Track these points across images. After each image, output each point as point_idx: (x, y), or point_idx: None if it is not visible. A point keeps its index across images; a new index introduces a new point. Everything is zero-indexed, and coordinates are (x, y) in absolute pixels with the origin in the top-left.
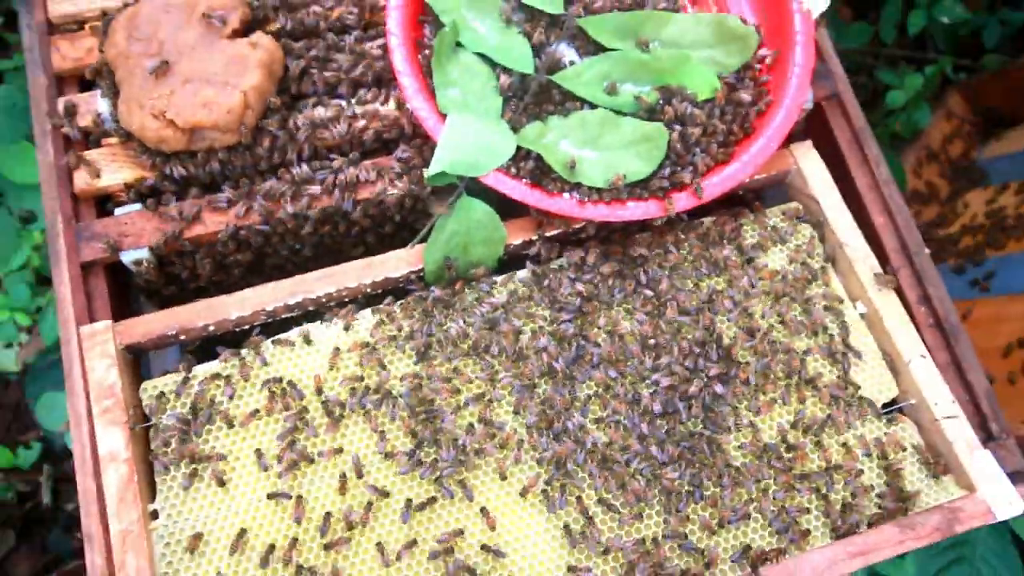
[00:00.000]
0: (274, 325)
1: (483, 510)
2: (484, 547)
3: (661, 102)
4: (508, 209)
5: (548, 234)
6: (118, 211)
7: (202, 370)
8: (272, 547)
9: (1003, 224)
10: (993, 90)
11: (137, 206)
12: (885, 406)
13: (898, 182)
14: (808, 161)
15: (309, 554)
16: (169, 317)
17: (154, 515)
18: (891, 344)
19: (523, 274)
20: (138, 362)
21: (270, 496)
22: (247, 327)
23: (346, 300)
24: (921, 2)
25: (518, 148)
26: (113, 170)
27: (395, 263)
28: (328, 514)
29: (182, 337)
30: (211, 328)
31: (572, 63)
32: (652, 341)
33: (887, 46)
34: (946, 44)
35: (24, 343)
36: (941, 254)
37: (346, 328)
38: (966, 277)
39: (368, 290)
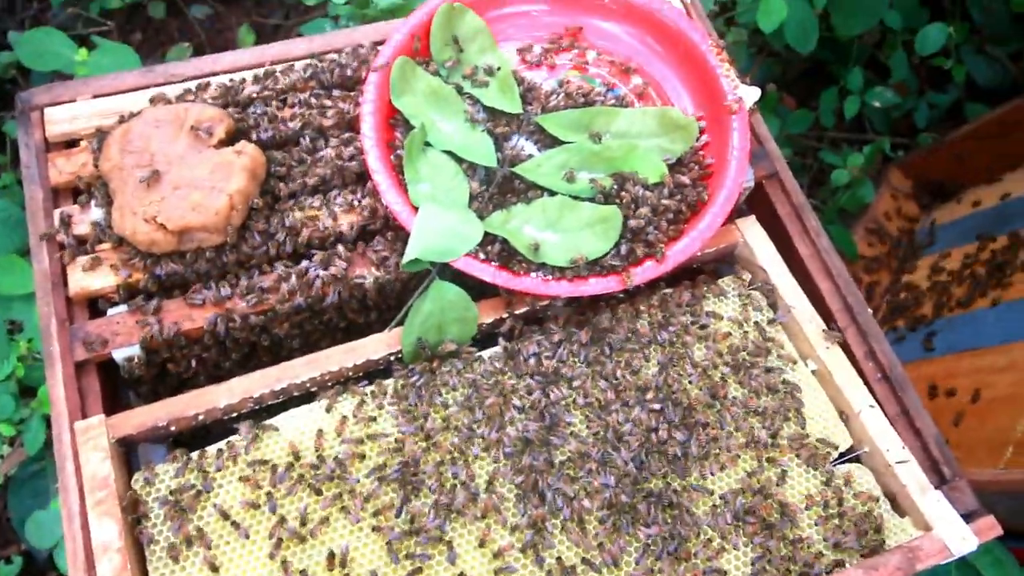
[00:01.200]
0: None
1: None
2: None
3: (615, 187)
4: (479, 291)
5: (517, 312)
6: (111, 311)
7: (195, 455)
8: None
9: (945, 288)
10: (928, 165)
11: (127, 306)
12: (841, 456)
13: (849, 254)
14: (753, 234)
15: None
16: (160, 409)
17: None
18: (842, 397)
19: (495, 350)
20: (128, 456)
21: None
22: (235, 415)
23: (329, 384)
24: (855, 89)
25: (485, 234)
26: (106, 273)
27: (375, 346)
28: None
29: (172, 428)
30: (201, 417)
31: (531, 156)
32: (617, 405)
33: (828, 130)
34: (882, 125)
35: (7, 455)
36: (892, 319)
37: (328, 410)
38: (917, 339)
39: (350, 373)
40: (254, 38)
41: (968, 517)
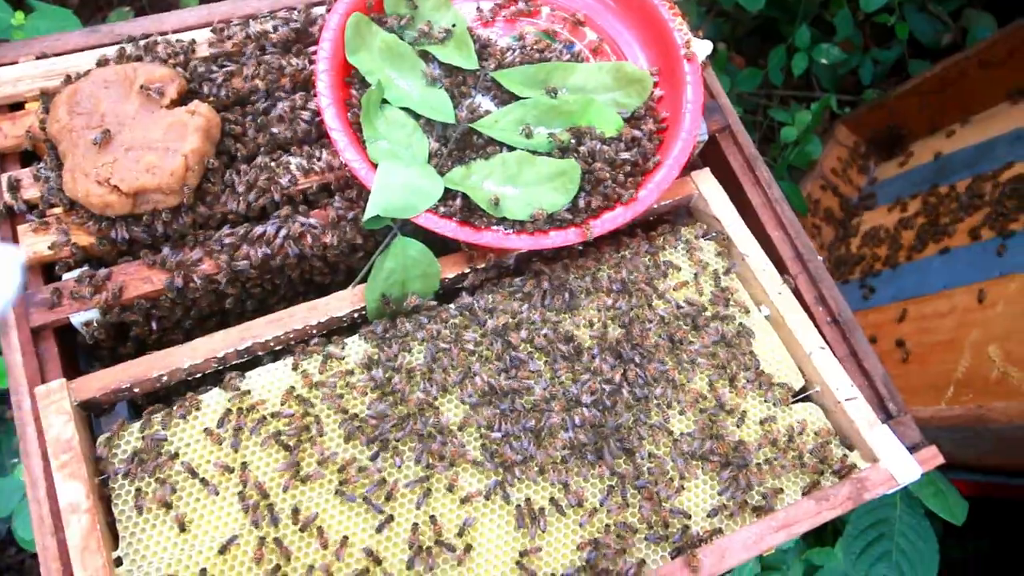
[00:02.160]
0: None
1: (432, 518)
2: (439, 543)
3: (573, 141)
4: (442, 246)
5: (479, 266)
6: (66, 276)
7: (158, 417)
8: None
9: (891, 239)
10: (873, 120)
11: (84, 270)
12: (794, 395)
13: (798, 208)
14: (707, 186)
15: None
16: (123, 371)
17: (118, 562)
18: (794, 340)
19: (458, 304)
20: (90, 422)
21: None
22: (199, 375)
23: (293, 342)
24: (802, 47)
25: (446, 190)
26: (59, 236)
27: (338, 304)
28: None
29: (136, 390)
30: (164, 378)
31: (489, 112)
32: (579, 352)
33: (777, 88)
34: (829, 82)
35: None
36: (841, 270)
37: (294, 368)
38: (863, 289)
39: (314, 331)
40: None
41: (913, 449)
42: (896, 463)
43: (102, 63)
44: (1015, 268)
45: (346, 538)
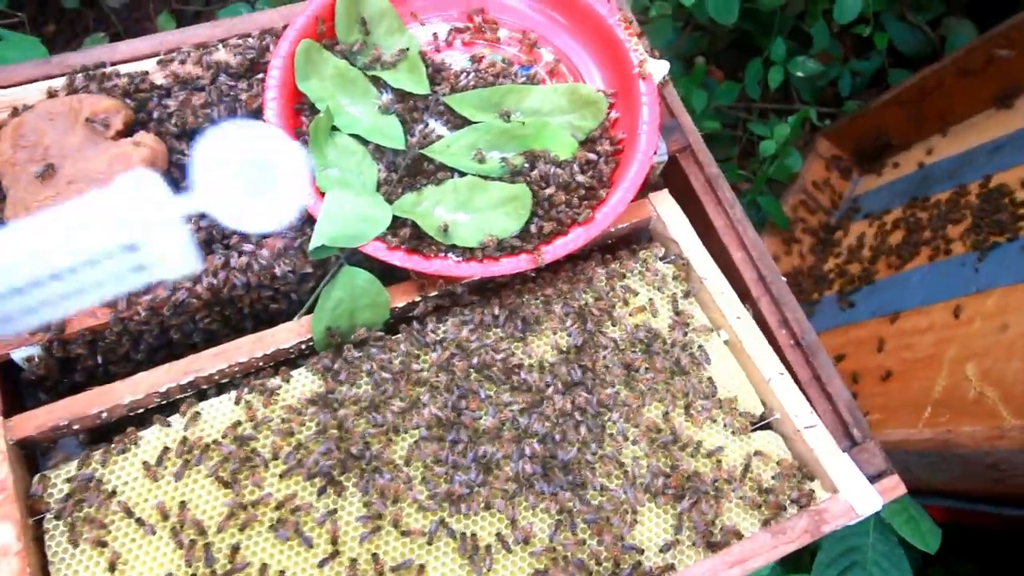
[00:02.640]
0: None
1: (374, 556)
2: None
3: (527, 165)
4: (392, 275)
5: (430, 295)
6: None
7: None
8: None
9: (872, 252)
10: (854, 132)
11: None
12: (753, 423)
13: (779, 222)
14: (665, 207)
15: None
16: (61, 408)
17: None
18: (753, 366)
19: (407, 334)
20: (33, 459)
21: None
22: (142, 410)
23: (239, 375)
24: (778, 59)
25: (395, 218)
26: None
27: (285, 335)
28: None
29: (75, 427)
30: (104, 415)
31: (441, 137)
32: (531, 381)
33: (755, 101)
34: (808, 95)
35: None
36: (821, 286)
37: (237, 402)
38: (843, 303)
39: (261, 363)
40: (175, 26)
41: (877, 478)
42: (856, 493)
43: (51, 94)
44: (992, 283)
45: (283, 571)
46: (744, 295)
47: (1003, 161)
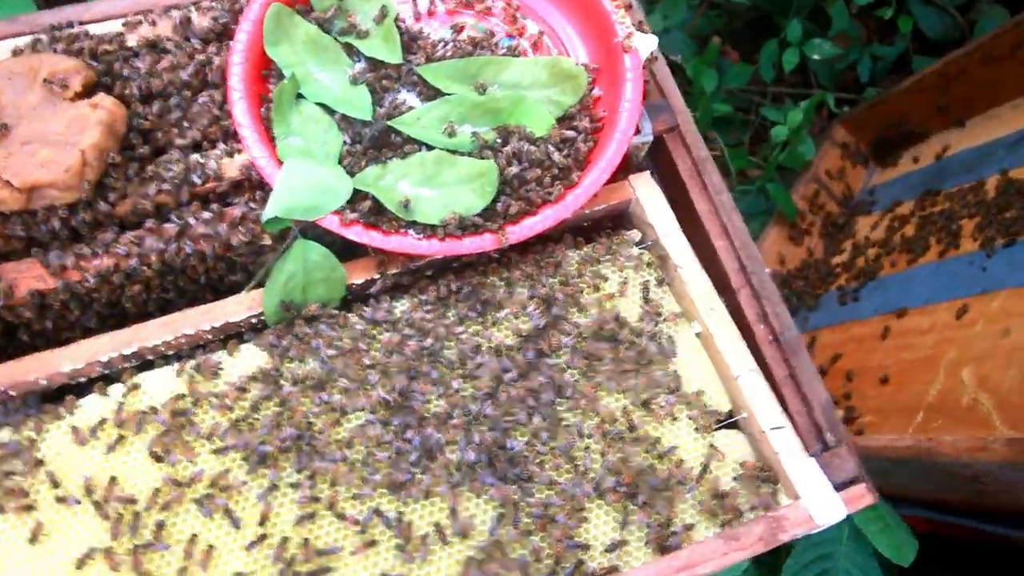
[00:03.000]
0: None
1: (306, 540)
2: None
3: (499, 141)
4: (353, 252)
5: (390, 272)
6: None
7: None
8: None
9: (881, 247)
10: (872, 120)
11: None
12: (719, 421)
13: (787, 212)
14: (645, 190)
15: None
16: None
17: None
18: (723, 361)
19: (362, 312)
20: None
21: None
22: (85, 380)
23: (186, 347)
24: (794, 41)
25: (356, 191)
26: None
27: (235, 307)
28: None
29: (12, 393)
30: (43, 382)
31: (412, 108)
32: (487, 366)
33: (769, 84)
34: (827, 79)
35: None
36: (828, 280)
37: (179, 374)
38: (846, 299)
39: (209, 336)
40: None
41: (848, 485)
42: (818, 501)
43: (16, 53)
44: (998, 284)
45: (212, 547)
46: (724, 286)
47: (1023, 155)
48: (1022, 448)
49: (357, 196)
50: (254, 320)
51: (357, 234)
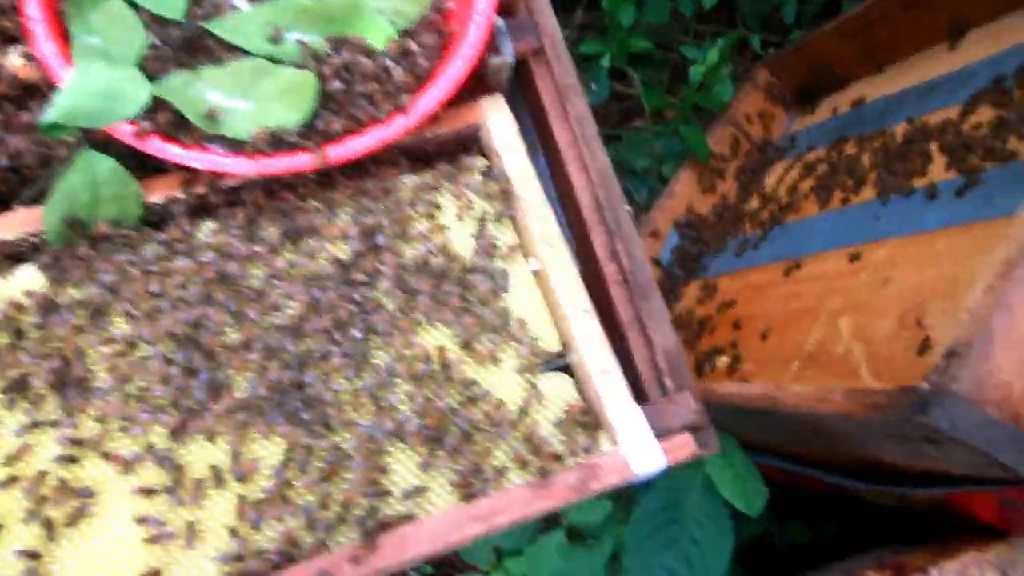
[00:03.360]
0: None
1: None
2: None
3: (329, 51)
4: (160, 169)
5: (195, 191)
6: None
7: None
8: None
9: (788, 194)
10: (795, 64)
11: None
12: (547, 364)
13: (699, 154)
14: (496, 115)
15: None
16: None
17: None
18: (556, 300)
19: (157, 233)
20: None
21: None
22: None
23: None
24: None
25: (157, 99)
26: None
27: (9, 224)
28: None
29: None
30: None
31: (235, 10)
32: (294, 298)
33: (690, 19)
34: (753, 20)
35: None
36: (737, 227)
37: None
38: (749, 246)
39: None
40: None
41: (688, 431)
42: (638, 450)
43: None
44: (889, 233)
45: None
46: (577, 222)
47: (933, 103)
48: (860, 400)
49: (158, 105)
50: (35, 240)
51: (157, 148)
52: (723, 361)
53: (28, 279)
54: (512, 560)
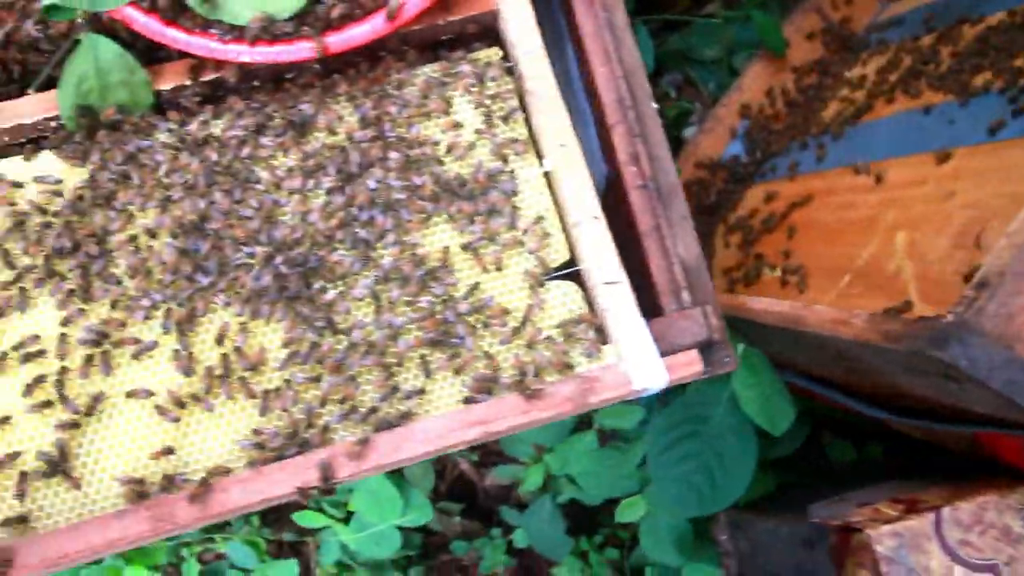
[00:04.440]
0: None
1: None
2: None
3: None
4: (168, 56)
5: (204, 79)
6: None
7: None
8: None
9: (863, 93)
10: None
11: None
12: (559, 270)
13: (774, 46)
14: (512, 2)
15: None
16: None
17: None
18: (566, 205)
19: (168, 121)
20: None
21: None
22: None
23: None
24: None
25: None
26: None
27: (28, 107)
28: None
29: None
30: None
31: None
32: (302, 191)
33: None
34: None
35: None
36: (809, 126)
37: None
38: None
39: (6, 139)
40: None
41: (700, 348)
42: (640, 365)
43: None
44: (959, 141)
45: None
46: (599, 120)
47: None
48: (880, 327)
49: None
50: (53, 123)
51: (157, 32)
52: (772, 272)
53: (47, 161)
54: (551, 455)
